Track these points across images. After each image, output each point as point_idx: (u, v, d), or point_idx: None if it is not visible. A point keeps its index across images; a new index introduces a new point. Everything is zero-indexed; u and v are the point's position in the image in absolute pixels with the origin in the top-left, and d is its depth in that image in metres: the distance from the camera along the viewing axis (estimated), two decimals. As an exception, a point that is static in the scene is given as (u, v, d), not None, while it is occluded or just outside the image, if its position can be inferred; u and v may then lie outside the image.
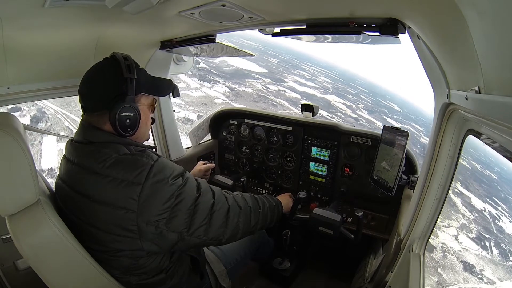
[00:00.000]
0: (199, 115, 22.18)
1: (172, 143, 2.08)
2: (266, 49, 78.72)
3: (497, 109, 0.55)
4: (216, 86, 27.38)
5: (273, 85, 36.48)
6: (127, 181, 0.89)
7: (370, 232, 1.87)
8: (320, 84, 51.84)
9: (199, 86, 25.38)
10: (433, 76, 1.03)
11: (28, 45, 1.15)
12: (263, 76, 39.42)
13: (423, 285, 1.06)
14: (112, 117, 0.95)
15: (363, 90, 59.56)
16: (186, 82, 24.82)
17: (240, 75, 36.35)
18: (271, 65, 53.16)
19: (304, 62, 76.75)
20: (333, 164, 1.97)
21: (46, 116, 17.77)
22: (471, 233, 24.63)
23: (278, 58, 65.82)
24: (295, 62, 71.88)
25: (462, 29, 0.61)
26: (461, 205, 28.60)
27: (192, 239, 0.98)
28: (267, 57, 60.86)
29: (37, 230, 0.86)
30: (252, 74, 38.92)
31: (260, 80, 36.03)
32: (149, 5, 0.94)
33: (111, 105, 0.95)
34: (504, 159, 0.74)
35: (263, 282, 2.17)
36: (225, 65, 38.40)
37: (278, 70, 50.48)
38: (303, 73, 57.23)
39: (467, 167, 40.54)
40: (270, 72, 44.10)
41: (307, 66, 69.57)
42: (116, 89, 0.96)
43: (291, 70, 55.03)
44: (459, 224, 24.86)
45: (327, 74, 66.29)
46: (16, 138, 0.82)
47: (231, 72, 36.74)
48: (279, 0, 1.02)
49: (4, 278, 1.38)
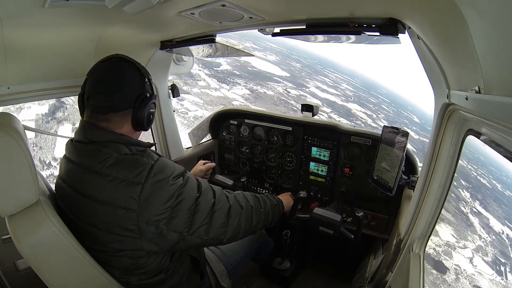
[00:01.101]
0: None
1: (172, 143, 2.08)
2: (289, 53, 77.75)
3: (497, 109, 0.55)
4: (235, 88, 27.12)
5: (294, 90, 36.15)
6: (127, 180, 0.89)
7: (370, 232, 1.87)
8: (342, 91, 50.93)
9: (218, 87, 25.22)
10: (433, 76, 1.03)
11: (28, 45, 1.15)
12: (285, 80, 39.03)
13: (423, 285, 1.06)
14: (139, 114, 1.01)
15: (385, 100, 58.35)
16: (206, 80, 24.70)
17: (262, 77, 36.10)
18: (294, 69, 52.62)
19: (327, 68, 75.69)
20: (333, 164, 1.97)
21: (64, 106, 17.60)
22: (486, 256, 23.49)
23: (301, 63, 64.92)
24: (318, 68, 70.96)
25: (462, 29, 0.61)
26: (479, 225, 27.08)
27: (193, 239, 0.98)
28: (290, 61, 60.13)
29: (37, 230, 0.86)
30: (274, 77, 38.60)
31: (281, 84, 35.67)
32: (149, 5, 0.94)
33: (138, 104, 1.00)
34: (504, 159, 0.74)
35: (263, 282, 2.17)
36: (248, 66, 38.18)
37: (301, 75, 50.01)
38: (326, 79, 56.38)
39: (487, 185, 39.25)
40: (292, 76, 43.67)
41: (330, 73, 68.44)
42: (140, 88, 1.02)
43: (313, 76, 54.36)
44: (475, 246, 23.63)
45: (349, 82, 65.39)
46: (16, 138, 0.82)
47: (254, 73, 36.50)
48: (279, 0, 1.02)
49: (4, 278, 1.38)
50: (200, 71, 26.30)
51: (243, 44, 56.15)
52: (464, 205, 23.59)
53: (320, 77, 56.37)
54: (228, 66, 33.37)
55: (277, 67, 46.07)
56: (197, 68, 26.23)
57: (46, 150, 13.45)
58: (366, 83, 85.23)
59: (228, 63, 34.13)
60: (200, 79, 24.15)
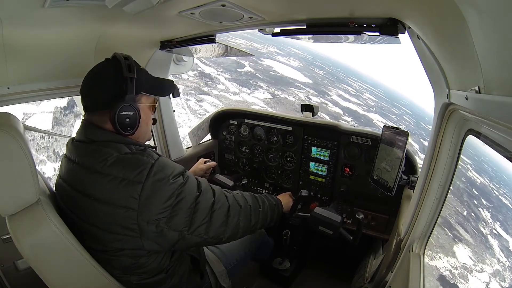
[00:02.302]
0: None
1: (172, 143, 2.08)
2: (313, 59, 76.52)
3: (497, 109, 0.55)
4: (257, 92, 26.80)
5: (316, 97, 35.63)
6: (127, 179, 0.89)
7: (370, 232, 1.87)
8: (364, 101, 49.75)
9: (238, 91, 24.93)
10: (433, 76, 1.03)
11: (28, 45, 1.15)
12: (307, 87, 38.51)
13: (423, 285, 1.06)
14: (112, 116, 0.95)
15: (407, 111, 56.93)
16: (225, 84, 24.46)
17: (284, 83, 35.68)
18: (317, 76, 51.82)
19: (350, 77, 74.06)
20: (333, 164, 1.97)
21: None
22: (504, 282, 22.41)
23: (324, 70, 63.73)
24: (341, 76, 69.37)
25: (462, 29, 0.61)
26: (498, 248, 25.64)
27: (193, 238, 0.98)
28: (313, 68, 59.22)
29: (37, 230, 0.86)
30: (296, 83, 38.10)
31: (303, 90, 35.16)
32: (149, 5, 0.94)
33: (111, 104, 0.95)
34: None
35: (263, 282, 2.17)
36: (271, 70, 37.89)
37: (323, 82, 49.28)
38: (348, 88, 55.19)
39: (508, 206, 37.53)
40: (315, 84, 43.06)
41: (353, 81, 66.90)
42: (116, 88, 0.97)
43: (336, 84, 53.36)
44: (492, 269, 22.43)
45: (372, 92, 64.29)
46: (17, 138, 0.82)
47: (276, 78, 36.14)
48: (279, 0, 1.02)
49: (4, 278, 1.38)
50: (219, 75, 25.99)
51: (266, 48, 55.70)
52: (484, 226, 22.87)
53: (343, 86, 55.32)
54: (251, 68, 33.15)
55: (299, 73, 45.54)
56: (215, 72, 25.93)
57: (61, 142, 13.39)
58: (390, 94, 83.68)
59: (251, 66, 33.92)
60: (220, 83, 23.95)
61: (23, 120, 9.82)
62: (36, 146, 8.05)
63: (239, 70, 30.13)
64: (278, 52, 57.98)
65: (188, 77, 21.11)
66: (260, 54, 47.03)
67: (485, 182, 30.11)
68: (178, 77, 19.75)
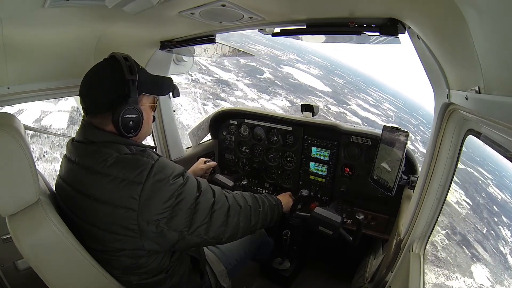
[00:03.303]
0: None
1: (172, 143, 2.08)
2: (333, 68, 74.52)
3: (497, 109, 0.55)
4: (276, 99, 26.52)
5: (335, 106, 34.73)
6: (127, 180, 0.89)
7: (370, 232, 1.87)
8: (383, 111, 48.42)
9: (257, 97, 24.59)
10: (433, 76, 1.03)
11: (28, 45, 1.15)
12: (326, 95, 37.57)
13: (423, 285, 1.06)
14: (115, 119, 0.95)
15: (423, 121, 55.35)
16: (244, 91, 24.09)
17: (303, 91, 34.91)
18: (336, 85, 50.45)
19: (371, 87, 71.64)
20: (333, 164, 1.97)
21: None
22: None
23: (344, 79, 61.76)
24: (362, 85, 67.06)
25: (462, 29, 0.61)
26: None
27: (193, 238, 0.98)
28: (333, 76, 57.72)
29: (37, 230, 0.86)
30: (315, 91, 37.18)
31: (322, 99, 34.29)
32: (149, 5, 0.93)
33: (113, 107, 0.95)
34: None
35: (263, 282, 2.17)
36: (290, 77, 37.42)
37: (343, 91, 48.08)
38: (368, 98, 53.46)
39: None
40: (334, 92, 42.01)
41: (373, 91, 64.48)
42: (118, 91, 0.96)
43: (355, 93, 51.78)
44: None
45: (392, 102, 62.81)
46: (17, 138, 0.82)
47: (295, 85, 35.52)
48: (279, 0, 1.02)
49: (4, 278, 1.38)
50: (239, 81, 25.68)
51: (287, 55, 55.18)
52: (504, 245, 22.24)
53: (363, 95, 53.69)
54: (270, 75, 32.73)
55: (319, 82, 44.57)
56: (234, 78, 25.67)
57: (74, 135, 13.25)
58: (409, 105, 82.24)
59: (270, 73, 33.50)
60: (238, 89, 23.64)
61: (40, 117, 9.86)
62: (51, 144, 8.04)
63: (259, 76, 29.89)
64: (298, 60, 57.28)
65: (206, 82, 21.00)
66: (280, 61, 46.38)
67: (506, 199, 29.41)
68: (196, 81, 19.47)
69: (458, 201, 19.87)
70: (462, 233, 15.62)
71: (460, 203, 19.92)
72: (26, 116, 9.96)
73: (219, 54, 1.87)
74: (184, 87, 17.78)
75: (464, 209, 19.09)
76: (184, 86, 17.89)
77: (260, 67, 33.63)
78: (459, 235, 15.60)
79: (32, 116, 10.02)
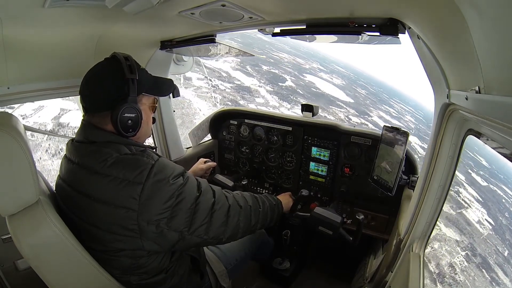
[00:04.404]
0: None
1: (172, 143, 2.08)
2: (356, 78, 73.26)
3: (497, 109, 0.55)
4: (297, 107, 26.41)
5: (356, 117, 34.06)
6: (127, 180, 0.89)
7: (370, 232, 1.87)
8: (405, 123, 47.69)
9: (278, 105, 24.46)
10: (433, 76, 1.03)
11: (28, 45, 1.15)
12: (348, 106, 36.72)
13: (423, 285, 1.06)
14: (114, 118, 0.95)
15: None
16: (266, 98, 23.84)
17: (325, 100, 34.23)
18: (359, 96, 49.31)
19: (393, 98, 70.57)
20: (333, 164, 1.97)
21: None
22: None
23: (367, 90, 60.45)
24: (384, 97, 66.28)
25: (462, 29, 0.61)
26: None
27: (193, 238, 0.98)
28: (356, 87, 56.70)
29: (37, 230, 0.86)
30: (337, 101, 36.46)
31: (344, 110, 33.46)
32: (149, 5, 0.93)
33: (113, 106, 0.95)
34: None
35: (263, 282, 2.17)
36: (312, 86, 37.06)
37: (365, 102, 47.16)
38: (390, 109, 52.04)
39: None
40: (356, 103, 41.11)
41: (395, 103, 63.37)
42: (117, 90, 0.97)
43: (377, 105, 50.58)
44: None
45: (413, 114, 62.25)
46: (17, 138, 0.82)
47: (317, 95, 35.08)
48: (279, 0, 1.02)
49: (4, 278, 1.37)
50: (261, 87, 25.49)
51: (310, 64, 54.83)
52: None
53: (385, 107, 52.35)
54: (292, 83, 32.43)
55: (341, 92, 43.74)
56: (257, 84, 25.49)
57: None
58: (428, 117, 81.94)
59: (292, 81, 33.20)
60: (259, 96, 23.43)
61: (59, 115, 9.83)
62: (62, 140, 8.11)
63: (280, 84, 29.69)
64: (321, 69, 56.59)
65: (225, 88, 20.91)
66: (303, 70, 45.84)
67: (531, 213, 28.62)
68: (215, 87, 19.31)
69: (480, 221, 19.20)
70: (482, 255, 15.11)
71: (482, 222, 19.25)
72: (45, 113, 9.94)
73: (220, 54, 1.87)
74: (204, 91, 17.70)
75: (486, 229, 18.39)
76: (204, 90, 17.82)
77: (282, 75, 33.43)
78: (479, 257, 15.10)
79: (51, 113, 10.00)
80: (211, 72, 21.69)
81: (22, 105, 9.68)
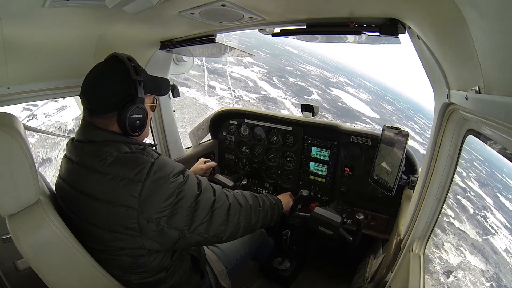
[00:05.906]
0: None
1: (172, 143, 2.08)
2: (383, 94, 72.69)
3: (497, 109, 0.55)
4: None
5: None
6: (127, 178, 0.89)
7: (370, 232, 1.87)
8: (426, 139, 48.31)
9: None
10: (433, 76, 1.03)
11: (28, 45, 1.15)
12: (373, 121, 36.27)
13: (423, 285, 1.06)
14: (122, 119, 0.96)
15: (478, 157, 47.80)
16: (291, 110, 23.42)
17: (350, 116, 33.91)
18: (385, 111, 48.62)
19: (418, 114, 70.68)
20: (333, 164, 1.97)
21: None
22: None
23: (394, 106, 60.81)
24: (410, 113, 66.33)
25: (462, 29, 0.61)
26: None
27: (193, 237, 0.98)
28: (382, 103, 56.27)
29: (37, 230, 0.86)
30: (363, 117, 36.23)
31: (369, 125, 33.90)
32: (149, 5, 0.94)
33: (120, 107, 0.95)
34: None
35: (263, 282, 2.17)
36: (339, 101, 36.74)
37: (391, 118, 46.56)
38: (414, 125, 52.48)
39: None
40: (382, 119, 40.43)
41: (420, 119, 63.64)
42: (124, 91, 0.97)
43: (403, 121, 50.08)
44: None
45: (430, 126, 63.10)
46: (17, 138, 0.82)
47: (342, 109, 34.79)
48: (279, 0, 1.02)
49: (4, 278, 1.37)
50: (286, 99, 25.40)
51: (337, 78, 54.39)
52: None
53: (410, 123, 52.18)
54: (318, 97, 32.29)
55: (368, 107, 43.33)
56: (283, 95, 25.38)
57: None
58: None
59: (319, 94, 33.07)
60: (284, 108, 23.31)
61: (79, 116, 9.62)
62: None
63: (306, 97, 29.55)
64: (348, 83, 56.02)
65: (250, 99, 20.88)
66: (330, 83, 45.43)
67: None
68: (239, 98, 19.23)
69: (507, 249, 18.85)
70: (508, 286, 14.79)
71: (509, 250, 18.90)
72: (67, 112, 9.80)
73: (220, 54, 1.87)
74: (227, 101, 17.59)
75: (513, 259, 17.98)
76: (227, 100, 17.71)
77: (308, 88, 33.32)
78: (494, 281, 14.88)
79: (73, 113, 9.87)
80: (237, 82, 21.58)
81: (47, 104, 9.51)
